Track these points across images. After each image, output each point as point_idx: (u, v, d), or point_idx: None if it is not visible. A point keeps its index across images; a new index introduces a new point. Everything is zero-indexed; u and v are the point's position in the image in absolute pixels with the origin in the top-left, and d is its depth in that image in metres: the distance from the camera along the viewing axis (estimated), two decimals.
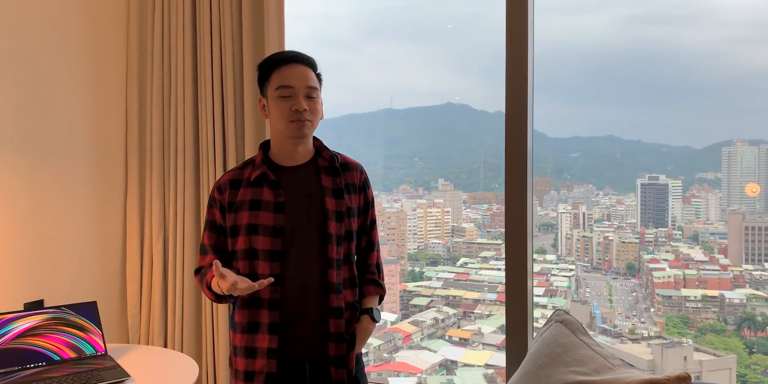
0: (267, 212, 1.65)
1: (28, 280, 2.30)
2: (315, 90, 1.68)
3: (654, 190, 3.61)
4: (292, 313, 1.66)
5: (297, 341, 1.67)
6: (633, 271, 3.68)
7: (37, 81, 2.37)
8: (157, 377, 1.92)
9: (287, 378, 1.68)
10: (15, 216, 2.26)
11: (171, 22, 2.64)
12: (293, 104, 1.63)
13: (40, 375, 1.86)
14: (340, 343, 1.68)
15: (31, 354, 1.93)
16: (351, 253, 1.75)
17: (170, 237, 2.64)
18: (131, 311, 2.68)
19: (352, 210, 1.73)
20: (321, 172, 1.72)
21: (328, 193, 1.69)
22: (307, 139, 1.72)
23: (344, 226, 1.70)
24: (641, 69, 3.40)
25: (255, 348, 1.66)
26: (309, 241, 1.67)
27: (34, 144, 2.35)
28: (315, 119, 1.69)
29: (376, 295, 1.80)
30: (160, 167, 2.69)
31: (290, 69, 1.66)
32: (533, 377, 1.84)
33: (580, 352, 1.85)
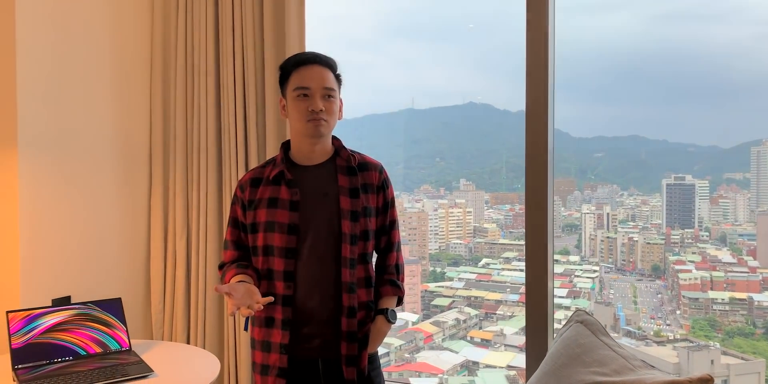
0: (283, 210, 1.69)
1: (56, 277, 2.36)
2: (332, 90, 1.71)
3: (680, 191, 3.54)
4: (304, 310, 1.69)
5: (309, 338, 1.70)
6: (658, 272, 3.62)
7: (66, 84, 2.43)
8: (179, 373, 1.95)
9: (300, 374, 1.71)
10: (44, 215, 2.33)
11: (194, 25, 2.69)
12: (310, 104, 1.67)
13: (67, 369, 1.91)
14: (352, 343, 1.70)
15: (59, 348, 1.98)
16: (367, 253, 1.76)
17: (193, 235, 2.68)
18: (155, 308, 2.72)
19: (368, 210, 1.74)
20: (338, 172, 1.74)
21: (344, 192, 1.71)
22: (325, 139, 1.75)
23: (359, 225, 1.71)
24: (667, 67, 3.34)
25: (270, 342, 1.70)
26: (323, 239, 1.69)
27: (63, 145, 2.41)
28: (331, 119, 1.72)
29: (393, 296, 1.80)
30: (183, 167, 2.74)
31: (308, 70, 1.70)
32: (553, 377, 1.83)
33: (600, 353, 1.83)
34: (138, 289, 2.77)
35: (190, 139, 2.73)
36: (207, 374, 1.92)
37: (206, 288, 2.65)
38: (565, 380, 1.79)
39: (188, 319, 2.71)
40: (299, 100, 1.69)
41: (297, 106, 1.69)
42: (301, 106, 1.68)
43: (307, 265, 1.69)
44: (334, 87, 1.72)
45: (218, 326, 2.67)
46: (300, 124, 1.70)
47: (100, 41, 2.58)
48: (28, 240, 2.26)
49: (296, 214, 1.68)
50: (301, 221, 1.69)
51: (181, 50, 2.73)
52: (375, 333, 1.74)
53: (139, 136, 2.78)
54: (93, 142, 2.54)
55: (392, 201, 1.85)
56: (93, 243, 2.54)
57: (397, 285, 1.81)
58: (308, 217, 1.70)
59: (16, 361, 1.90)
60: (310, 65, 1.71)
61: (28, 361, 1.92)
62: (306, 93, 1.68)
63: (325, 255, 1.69)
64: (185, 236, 2.71)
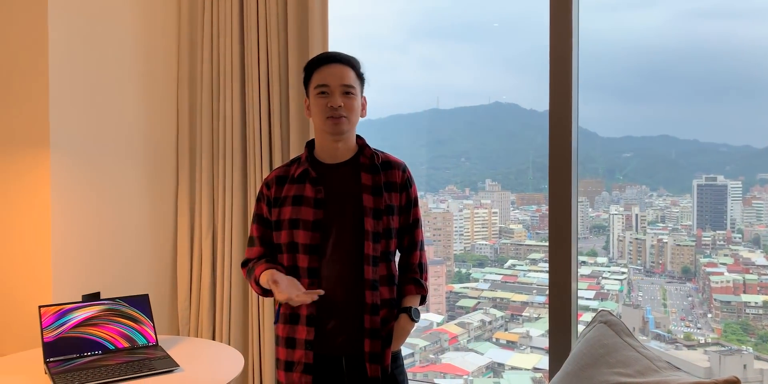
0: (308, 207, 1.71)
1: (86, 274, 2.43)
2: (351, 88, 1.73)
3: (711, 192, 3.46)
4: (328, 306, 1.71)
5: (333, 334, 1.72)
6: (689, 275, 3.54)
7: (97, 88, 2.50)
8: (204, 368, 1.98)
9: (324, 370, 1.72)
10: (75, 214, 2.39)
11: (219, 29, 2.74)
12: (329, 101, 1.70)
13: (96, 362, 1.95)
14: (374, 340, 1.71)
15: (88, 342, 2.03)
16: (389, 251, 1.77)
17: (219, 234, 2.73)
18: (181, 305, 2.78)
19: (391, 208, 1.75)
20: (361, 170, 1.76)
21: (367, 190, 1.73)
22: (347, 137, 1.77)
23: (382, 223, 1.73)
24: (698, 65, 3.28)
25: (294, 339, 1.72)
26: (346, 236, 1.71)
27: (93, 146, 2.48)
28: (351, 116, 1.74)
29: (416, 295, 1.81)
30: (209, 167, 2.79)
31: (328, 68, 1.73)
32: (575, 378, 1.81)
33: (624, 354, 1.81)
34: (165, 286, 2.83)
35: (216, 141, 2.78)
36: (231, 370, 1.95)
37: (231, 285, 2.69)
38: (587, 381, 1.77)
39: (213, 315, 2.76)
40: (319, 98, 1.72)
41: (318, 104, 1.72)
42: (321, 103, 1.71)
43: (331, 262, 1.71)
44: (353, 84, 1.74)
45: (243, 323, 2.72)
46: (320, 121, 1.73)
47: (129, 46, 2.64)
48: (60, 238, 2.33)
49: (320, 211, 1.71)
50: (325, 219, 1.71)
51: (207, 53, 2.78)
52: (398, 331, 1.75)
53: (166, 137, 2.84)
54: (122, 144, 2.61)
55: (415, 200, 1.86)
56: (122, 241, 2.60)
57: (420, 284, 1.82)
58: (332, 215, 1.72)
59: (47, 354, 1.95)
60: (329, 64, 1.74)
61: (59, 355, 1.97)
62: (325, 90, 1.72)
63: (348, 252, 1.71)
64: (211, 235, 2.76)
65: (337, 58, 1.75)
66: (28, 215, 2.36)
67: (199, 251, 2.79)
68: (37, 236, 2.33)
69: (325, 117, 1.71)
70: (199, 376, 1.89)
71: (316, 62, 1.77)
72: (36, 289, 2.33)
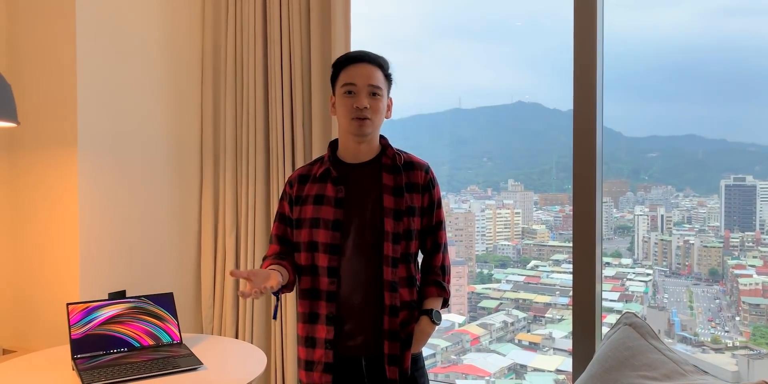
0: (328, 207, 1.71)
1: (112, 272, 2.47)
2: (378, 89, 1.72)
3: (740, 192, 3.39)
4: (348, 306, 1.71)
5: (352, 335, 1.71)
6: (716, 277, 3.49)
7: (123, 88, 2.54)
8: (227, 366, 1.99)
9: (344, 371, 1.72)
10: (101, 214, 2.43)
11: (243, 29, 2.76)
12: (355, 101, 1.69)
13: (121, 359, 1.97)
14: (393, 342, 1.70)
15: (114, 340, 2.06)
16: (410, 253, 1.75)
17: (242, 233, 2.75)
18: (205, 303, 2.80)
19: (412, 209, 1.74)
20: (382, 170, 1.75)
21: (388, 190, 1.72)
22: (370, 138, 1.76)
23: (402, 224, 1.71)
24: (725, 64, 3.22)
25: (314, 338, 1.72)
26: (366, 237, 1.70)
27: (120, 146, 2.51)
28: (376, 118, 1.73)
29: (438, 298, 1.79)
30: (233, 167, 2.81)
31: (356, 68, 1.72)
32: (600, 380, 1.80)
33: (649, 357, 1.80)
34: (189, 285, 2.86)
35: (240, 141, 2.80)
36: (254, 368, 1.96)
37: None
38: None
39: (237, 314, 2.78)
40: (345, 97, 1.72)
41: (343, 103, 1.72)
42: (347, 103, 1.71)
43: (351, 262, 1.70)
44: (380, 85, 1.73)
45: (266, 322, 2.73)
46: (345, 121, 1.72)
47: (154, 47, 2.68)
48: (87, 236, 2.37)
49: (341, 210, 1.71)
50: (345, 218, 1.71)
51: (231, 54, 2.81)
52: (418, 333, 1.74)
53: (190, 137, 2.87)
54: (148, 143, 2.64)
55: (439, 201, 1.84)
56: (147, 240, 2.64)
57: (442, 286, 1.80)
58: (352, 215, 1.71)
59: (75, 350, 1.98)
60: (358, 63, 1.73)
61: (87, 351, 2.00)
62: (352, 90, 1.71)
63: (367, 253, 1.70)
64: (234, 234, 2.78)
65: (366, 58, 1.75)
66: (56, 214, 2.40)
67: (222, 250, 2.81)
68: (64, 235, 2.37)
69: (350, 118, 1.71)
70: (223, 375, 1.90)
71: (345, 61, 1.76)
72: (63, 287, 2.37)
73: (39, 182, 2.44)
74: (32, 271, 2.47)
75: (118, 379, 1.81)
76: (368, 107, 1.70)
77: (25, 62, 2.47)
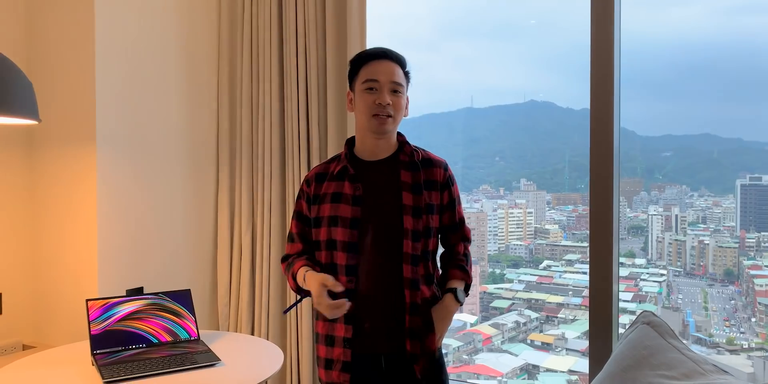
0: (346, 205, 1.70)
1: (129, 269, 2.49)
2: (400, 86, 1.71)
3: (756, 192, 3.37)
4: (367, 304, 1.69)
5: (372, 333, 1.70)
6: (731, 277, 3.46)
7: (141, 86, 2.56)
8: (245, 363, 2.00)
9: (364, 369, 1.71)
10: (119, 211, 2.45)
11: (259, 27, 2.78)
12: (377, 98, 1.68)
13: (140, 355, 1.99)
14: (415, 340, 1.69)
15: (133, 336, 2.07)
16: (428, 251, 1.74)
17: (258, 230, 2.76)
18: (221, 300, 2.82)
19: (431, 206, 1.72)
20: (400, 167, 1.73)
21: (406, 188, 1.70)
22: (389, 135, 1.75)
23: (422, 221, 1.70)
24: (741, 62, 3.20)
25: (333, 336, 1.71)
26: (385, 235, 1.69)
27: (137, 143, 2.53)
28: (397, 115, 1.72)
29: (461, 280, 1.77)
30: (249, 165, 2.83)
31: (378, 64, 1.71)
32: (617, 379, 1.79)
33: (668, 356, 1.79)
34: (205, 282, 2.87)
35: (255, 138, 2.82)
36: (271, 365, 1.97)
37: (270, 282, 2.72)
38: (630, 383, 1.74)
39: (253, 311, 2.80)
40: (367, 93, 1.70)
41: (364, 99, 1.70)
42: (368, 99, 1.69)
43: (369, 260, 1.69)
44: (402, 82, 1.73)
45: (281, 318, 2.74)
46: (366, 117, 1.71)
47: (171, 45, 2.70)
48: (105, 234, 2.39)
49: (358, 208, 1.69)
50: (363, 216, 1.69)
51: (247, 52, 2.82)
52: (442, 311, 1.72)
53: (207, 135, 2.89)
54: (164, 141, 2.66)
55: (458, 198, 1.83)
56: (164, 237, 2.66)
57: (466, 270, 1.79)
58: (370, 212, 1.70)
59: (94, 346, 2.00)
60: (381, 60, 1.72)
61: (106, 347, 2.01)
62: (374, 86, 1.69)
63: (386, 250, 1.69)
64: (250, 231, 2.80)
65: (388, 55, 1.73)
66: (74, 212, 2.43)
67: (239, 248, 2.83)
68: (83, 232, 2.40)
69: (371, 114, 1.69)
70: (240, 371, 1.91)
71: (366, 57, 1.74)
72: (82, 284, 2.40)
73: (58, 180, 2.47)
74: (51, 267, 2.50)
75: (138, 374, 1.82)
76: (390, 104, 1.69)
77: (44, 61, 2.49)
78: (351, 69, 1.78)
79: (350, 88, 1.79)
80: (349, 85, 1.80)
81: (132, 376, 1.81)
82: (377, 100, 1.68)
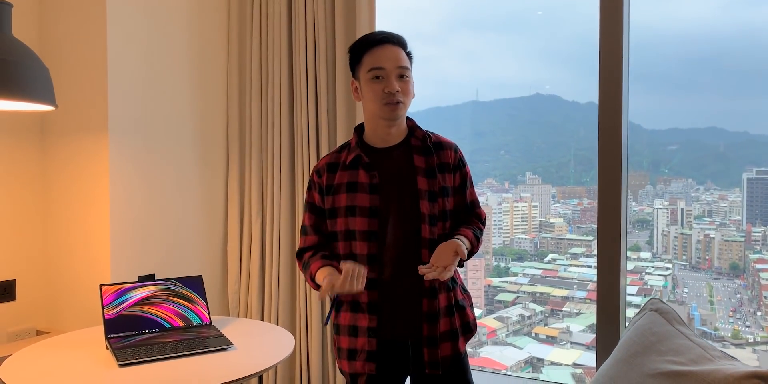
0: (363, 193, 1.68)
1: (141, 256, 2.52)
2: (406, 69, 1.68)
3: (762, 185, 3.37)
4: (390, 292, 1.69)
5: (395, 320, 1.70)
6: (737, 271, 3.47)
7: (152, 76, 2.59)
8: (256, 346, 2.03)
9: (389, 356, 1.71)
10: (131, 199, 2.49)
11: (268, 18, 2.80)
12: (386, 86, 1.65)
13: (153, 339, 2.02)
14: (432, 324, 1.69)
15: (146, 320, 2.10)
16: (445, 234, 1.72)
17: (267, 218, 2.80)
18: (231, 287, 2.86)
19: (446, 189, 1.72)
20: (413, 152, 1.72)
21: (421, 172, 1.69)
22: (400, 121, 1.73)
23: (437, 205, 1.69)
24: (748, 55, 3.21)
25: (357, 327, 1.70)
26: (403, 221, 1.68)
27: (149, 133, 2.57)
28: (407, 100, 1.70)
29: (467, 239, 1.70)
30: (258, 155, 2.86)
31: (382, 50, 1.67)
32: (625, 365, 1.81)
33: (676, 342, 1.80)
34: (215, 269, 2.91)
35: (265, 128, 2.85)
36: (283, 348, 2.00)
37: (279, 269, 2.76)
38: (638, 368, 1.76)
39: (262, 297, 2.83)
40: (374, 82, 1.66)
41: (372, 88, 1.66)
42: (377, 88, 1.65)
43: (390, 248, 1.68)
44: (407, 66, 1.69)
45: (290, 305, 2.78)
46: (376, 106, 1.67)
47: (181, 35, 2.73)
48: (118, 221, 2.43)
49: (376, 196, 1.67)
50: (381, 204, 1.68)
51: (256, 43, 2.85)
52: (441, 246, 1.63)
53: (217, 125, 2.92)
54: (176, 131, 2.70)
55: (471, 180, 1.81)
56: (175, 225, 2.69)
57: (477, 236, 1.74)
58: (387, 200, 1.68)
59: (108, 330, 2.03)
60: (384, 45, 1.67)
61: (119, 331, 2.05)
62: (380, 74, 1.65)
63: (405, 237, 1.68)
64: (260, 220, 2.83)
65: (389, 39, 1.68)
66: (88, 200, 2.47)
67: (248, 236, 2.86)
68: (96, 220, 2.44)
69: (382, 103, 1.66)
70: (252, 355, 1.94)
71: (367, 43, 1.69)
72: (95, 271, 2.44)
73: (70, 168, 2.51)
74: (64, 255, 2.54)
75: (152, 357, 1.86)
76: (399, 90, 1.66)
77: (56, 51, 2.53)
78: (352, 56, 1.73)
79: (354, 77, 1.75)
80: (353, 74, 1.75)
81: (146, 359, 1.84)
82: (386, 88, 1.65)
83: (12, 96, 1.67)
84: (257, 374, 1.81)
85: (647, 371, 1.73)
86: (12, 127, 2.46)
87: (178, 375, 1.75)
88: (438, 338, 1.70)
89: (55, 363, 1.85)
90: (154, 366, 1.82)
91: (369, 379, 1.72)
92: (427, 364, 1.69)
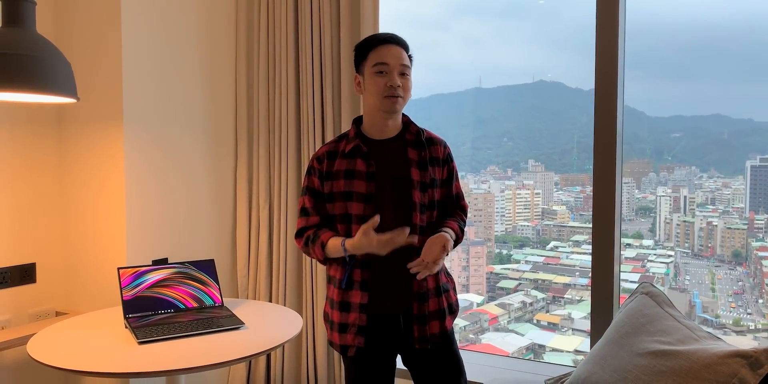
0: (360, 181, 1.88)
1: (155, 241, 2.67)
2: (408, 68, 1.90)
3: (766, 173, 3.40)
4: (382, 271, 1.89)
5: (386, 298, 1.90)
6: (739, 259, 3.53)
7: (165, 69, 2.71)
8: (267, 326, 2.19)
9: (378, 332, 1.92)
10: (146, 186, 2.63)
11: (275, 10, 2.91)
12: (388, 80, 1.86)
13: (169, 319, 2.19)
14: (422, 303, 1.90)
15: (162, 302, 2.27)
16: (432, 222, 1.95)
17: (275, 204, 2.94)
18: (240, 271, 3.01)
19: (435, 181, 1.93)
20: (407, 146, 1.93)
21: (414, 164, 1.90)
22: (397, 115, 1.94)
23: (428, 195, 1.91)
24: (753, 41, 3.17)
25: (349, 303, 1.90)
26: (396, 207, 1.89)
27: (162, 123, 2.70)
28: (406, 96, 1.91)
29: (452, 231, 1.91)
30: (266, 143, 2.99)
31: (387, 48, 1.88)
32: (616, 345, 1.96)
33: (664, 323, 1.94)
34: (225, 254, 3.06)
35: (272, 118, 2.98)
36: (292, 328, 2.16)
37: (287, 253, 2.91)
38: (628, 348, 1.91)
39: (270, 280, 2.99)
40: (378, 77, 1.86)
41: (376, 82, 1.87)
42: (380, 82, 1.86)
43: (383, 231, 1.83)
44: (409, 65, 1.91)
45: (297, 287, 2.94)
46: (377, 99, 1.87)
47: (192, 28, 2.85)
48: (133, 207, 2.58)
49: (372, 184, 1.88)
50: (376, 191, 1.89)
51: (264, 33, 2.97)
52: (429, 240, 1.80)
53: (226, 115, 3.06)
54: (187, 121, 2.84)
55: (457, 174, 2.04)
56: (186, 211, 2.84)
57: (461, 228, 1.97)
58: (382, 187, 1.89)
59: (127, 310, 2.21)
60: (389, 44, 1.88)
61: (137, 312, 2.22)
62: (384, 69, 1.86)
63: (398, 222, 1.88)
64: (267, 207, 2.98)
65: (395, 40, 1.90)
66: (104, 187, 2.61)
67: (257, 221, 3.02)
68: (113, 206, 2.59)
69: (383, 96, 1.85)
70: (263, 333, 2.10)
71: (374, 42, 1.90)
72: (111, 254, 2.60)
73: (87, 157, 2.65)
74: (82, 239, 2.69)
75: (169, 335, 2.03)
76: (400, 86, 1.87)
77: (73, 47, 2.65)
78: (358, 54, 1.93)
79: (358, 72, 1.94)
80: (357, 69, 1.95)
81: (164, 337, 2.02)
82: (389, 82, 1.85)
83: (38, 90, 1.83)
84: (268, 351, 1.98)
85: (637, 351, 1.88)
86: (31, 117, 2.61)
87: (195, 351, 1.92)
88: (427, 316, 1.91)
89: (79, 340, 2.03)
90: (171, 344, 2.00)
91: (358, 351, 1.92)
92: (417, 339, 1.91)
